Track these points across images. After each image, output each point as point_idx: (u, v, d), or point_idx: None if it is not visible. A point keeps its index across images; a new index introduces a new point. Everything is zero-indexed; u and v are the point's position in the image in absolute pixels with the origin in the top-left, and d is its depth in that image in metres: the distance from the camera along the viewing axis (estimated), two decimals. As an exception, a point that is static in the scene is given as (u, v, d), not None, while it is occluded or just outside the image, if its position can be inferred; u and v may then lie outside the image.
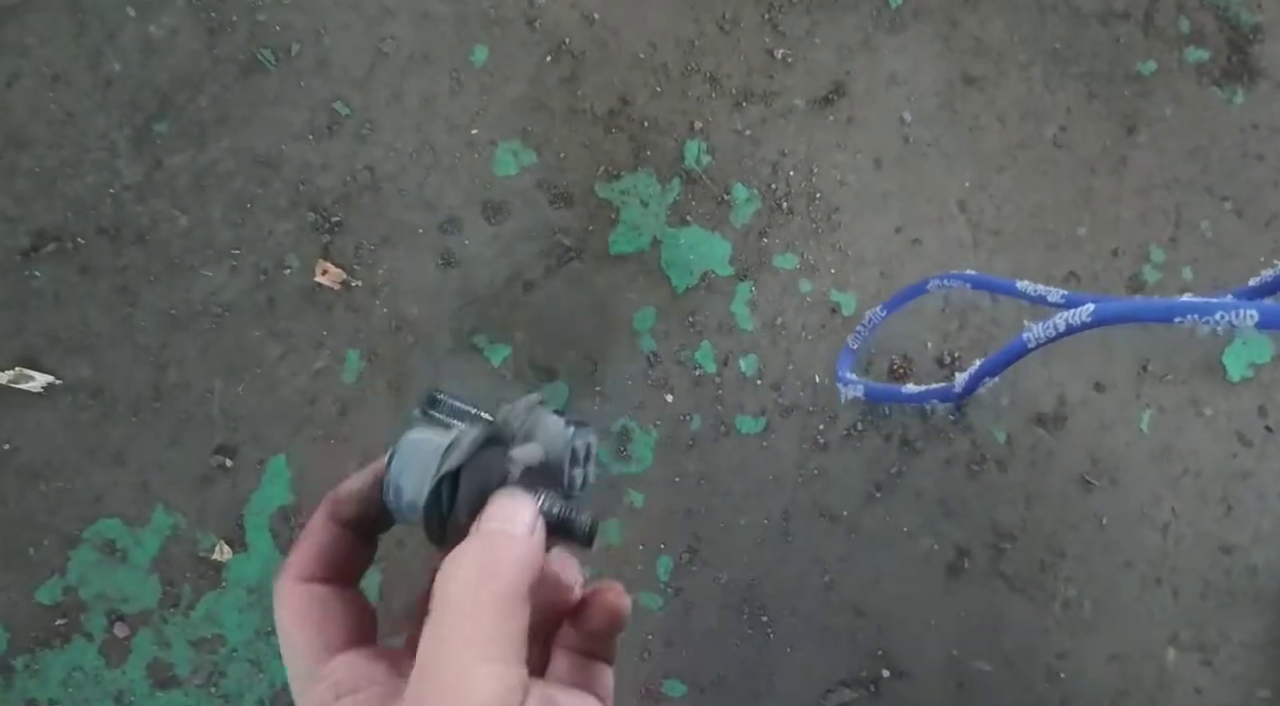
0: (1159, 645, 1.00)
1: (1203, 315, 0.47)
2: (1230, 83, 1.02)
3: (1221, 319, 0.46)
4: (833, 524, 0.95)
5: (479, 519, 0.37)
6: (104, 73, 0.83)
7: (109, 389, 0.83)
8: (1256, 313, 0.45)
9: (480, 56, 0.89)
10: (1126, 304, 0.52)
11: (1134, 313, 0.51)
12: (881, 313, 0.88)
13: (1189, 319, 0.48)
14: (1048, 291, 0.74)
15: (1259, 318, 0.45)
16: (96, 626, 0.83)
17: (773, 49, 0.94)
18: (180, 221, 0.84)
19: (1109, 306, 0.53)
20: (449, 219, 0.88)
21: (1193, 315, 0.47)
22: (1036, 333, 0.57)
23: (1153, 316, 0.50)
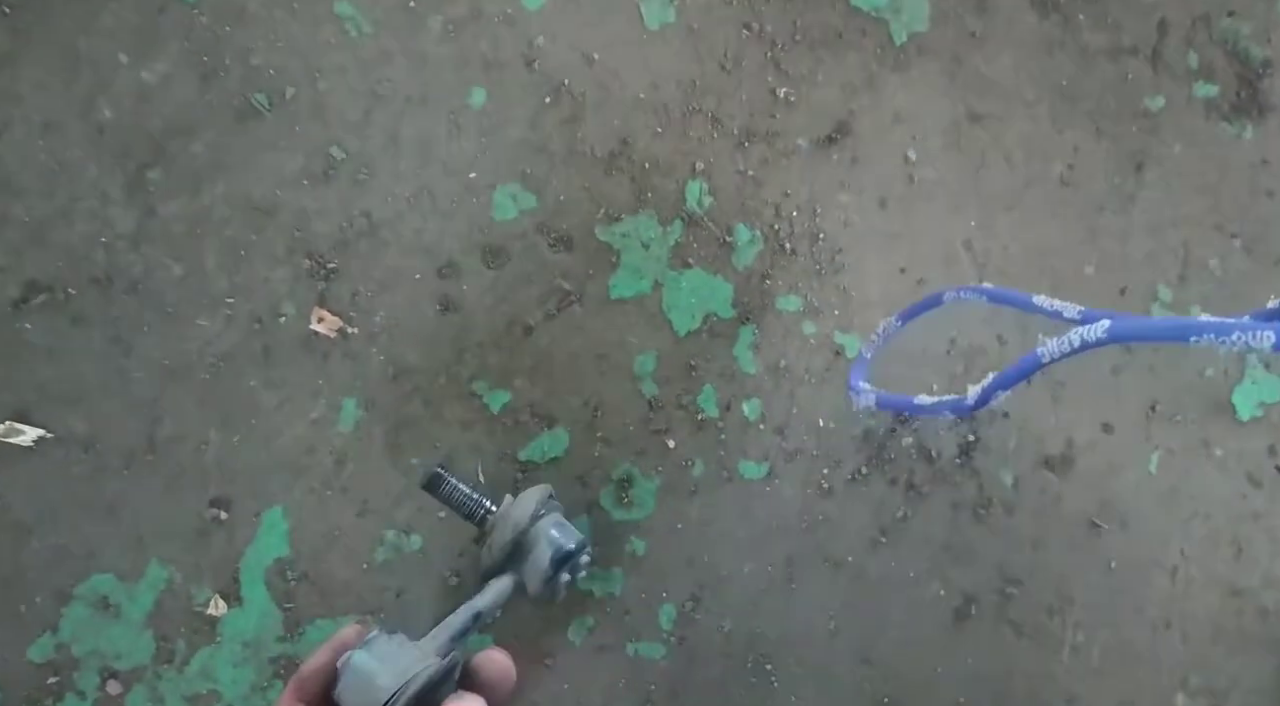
0: (1168, 690, 0.99)
1: (1219, 335, 0.46)
2: (1240, 118, 1.00)
3: (1238, 340, 0.46)
4: (837, 570, 0.93)
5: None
6: (96, 120, 0.81)
7: (102, 442, 0.82)
8: (1274, 334, 0.44)
9: (478, 99, 0.87)
10: (1142, 322, 0.51)
11: (1150, 331, 0.50)
12: (897, 322, 0.87)
13: (1205, 339, 0.47)
14: (1064, 307, 0.72)
15: (1276, 339, 0.44)
16: (89, 684, 0.82)
17: (775, 88, 0.92)
18: (174, 270, 0.82)
19: (1124, 323, 0.52)
20: (447, 264, 0.87)
21: (1209, 335, 0.46)
22: (1051, 348, 0.56)
23: (1168, 335, 0.49)
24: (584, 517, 0.89)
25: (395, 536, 0.86)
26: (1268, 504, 1.00)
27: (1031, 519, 0.96)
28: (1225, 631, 1.00)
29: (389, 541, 0.86)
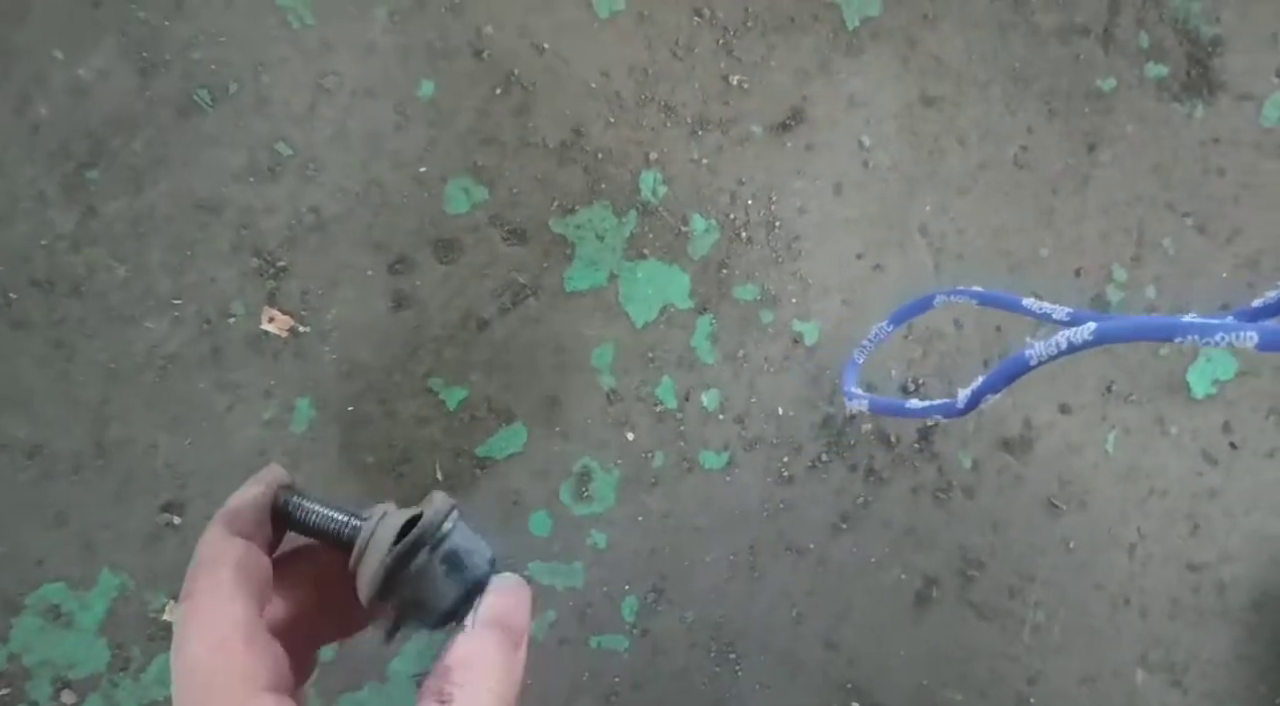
0: (1128, 666, 1.00)
1: (1203, 336, 0.46)
2: (1190, 97, 1.00)
3: (1222, 339, 0.46)
4: (800, 557, 0.93)
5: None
6: (31, 118, 0.79)
7: (47, 447, 0.80)
8: (1257, 334, 0.45)
9: (427, 90, 0.86)
10: (1129, 322, 0.52)
11: (1136, 332, 0.51)
12: (888, 327, 0.86)
13: (1190, 339, 0.47)
14: (1053, 309, 0.73)
15: (1259, 339, 0.45)
16: (42, 694, 0.80)
17: (728, 75, 0.91)
18: (118, 271, 0.81)
19: (1111, 325, 0.52)
20: (399, 259, 0.85)
21: (1194, 336, 0.47)
22: (1039, 351, 0.56)
23: (1154, 335, 0.49)
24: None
25: (353, 536, 0.85)
26: (1223, 480, 1.01)
27: (991, 501, 0.97)
28: (1183, 606, 1.01)
29: (347, 541, 0.85)
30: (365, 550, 0.34)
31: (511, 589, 0.34)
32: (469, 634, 0.32)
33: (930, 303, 0.83)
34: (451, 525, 0.35)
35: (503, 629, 0.33)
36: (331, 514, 0.36)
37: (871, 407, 0.82)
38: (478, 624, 0.33)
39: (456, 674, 0.31)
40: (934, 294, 0.82)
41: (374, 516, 0.35)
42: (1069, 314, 0.72)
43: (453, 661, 0.32)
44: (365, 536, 0.34)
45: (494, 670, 0.32)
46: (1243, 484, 1.02)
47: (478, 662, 0.32)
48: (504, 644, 0.33)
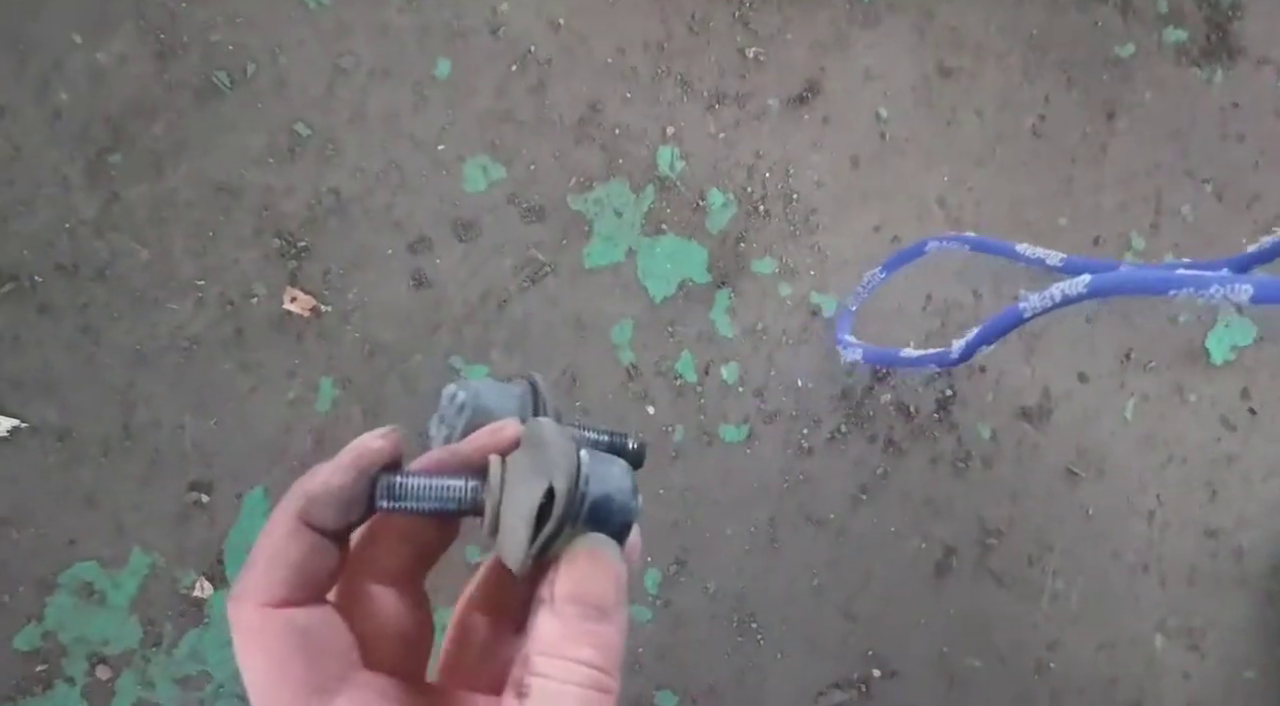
0: (1147, 632, 1.01)
1: (1198, 289, 0.46)
2: (1209, 62, 1.00)
3: (1216, 293, 0.46)
4: (820, 528, 0.94)
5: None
6: (52, 104, 0.79)
7: (76, 430, 0.81)
8: (1251, 287, 0.44)
9: (444, 69, 0.86)
10: (1122, 275, 0.51)
11: (1129, 283, 0.50)
12: (881, 274, 0.87)
13: (1184, 292, 0.47)
14: (1046, 254, 0.73)
15: (1253, 292, 0.44)
16: (78, 670, 0.82)
17: (744, 48, 0.91)
18: (141, 255, 0.81)
19: (1104, 278, 0.52)
20: (419, 238, 0.86)
21: (1188, 289, 0.46)
22: (1033, 303, 0.56)
23: (1148, 288, 0.49)
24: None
25: (378, 513, 0.86)
26: (1241, 446, 1.02)
27: (1010, 470, 0.97)
28: (1202, 573, 1.01)
29: (372, 518, 0.86)
30: (501, 524, 0.31)
31: (582, 557, 0.29)
32: (546, 613, 0.29)
33: (923, 249, 0.83)
34: (587, 476, 0.30)
35: (579, 603, 0.29)
36: (446, 484, 0.32)
37: (865, 357, 0.82)
38: (556, 600, 0.29)
39: (538, 661, 0.28)
40: (926, 240, 0.82)
41: (492, 477, 0.31)
42: (1063, 260, 0.71)
43: (535, 646, 0.29)
44: (495, 499, 0.31)
45: (580, 652, 0.28)
46: (1261, 450, 1.02)
47: (563, 647, 0.28)
48: (592, 618, 0.29)
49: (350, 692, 0.28)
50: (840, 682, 0.95)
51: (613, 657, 0.29)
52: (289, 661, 0.27)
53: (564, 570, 0.29)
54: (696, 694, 0.92)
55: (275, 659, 0.27)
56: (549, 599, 0.29)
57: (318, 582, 0.29)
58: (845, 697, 0.95)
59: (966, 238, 0.79)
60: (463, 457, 0.33)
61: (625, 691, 0.90)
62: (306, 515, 0.29)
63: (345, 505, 0.30)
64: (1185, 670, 1.01)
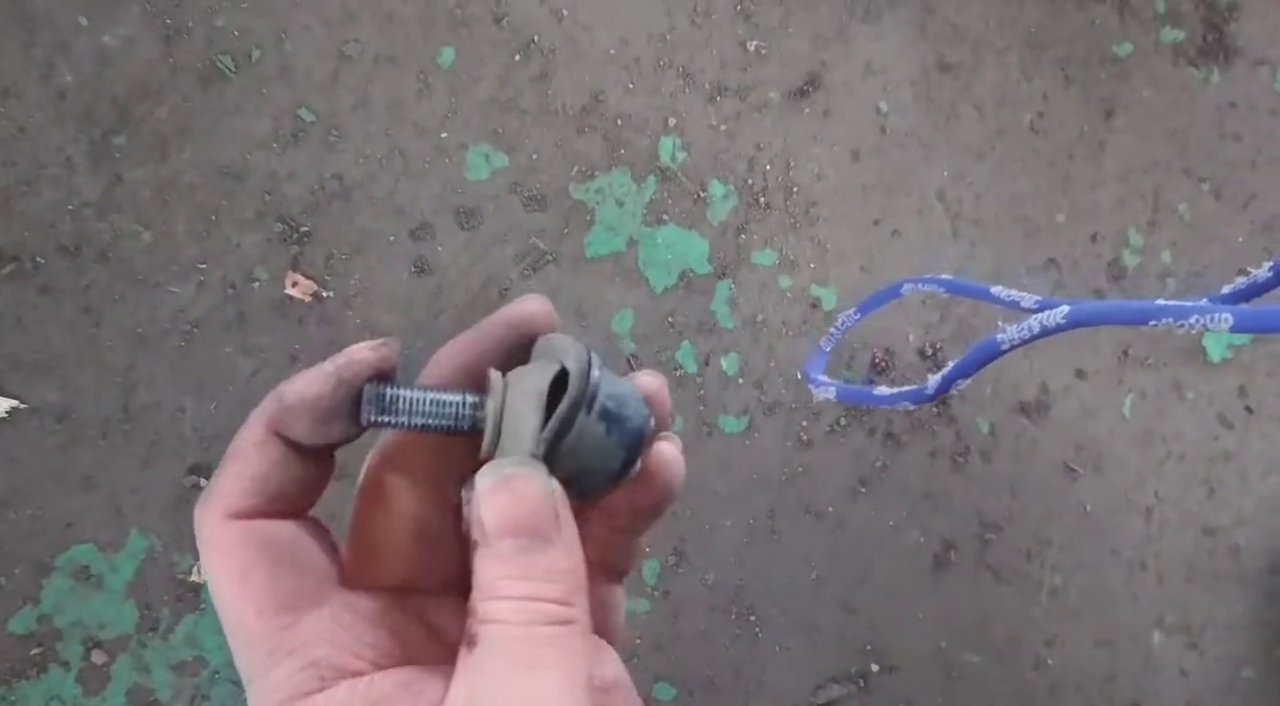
0: (1145, 629, 1.01)
1: (1178, 318, 0.46)
2: (1206, 62, 1.01)
3: (1197, 322, 0.46)
4: (819, 521, 0.94)
5: None
6: (57, 85, 0.80)
7: (76, 412, 0.81)
8: (1231, 316, 0.45)
9: (448, 57, 0.86)
10: (1101, 306, 0.51)
11: (1109, 315, 0.50)
12: (855, 315, 0.87)
13: (1164, 322, 0.47)
14: (1021, 297, 0.73)
15: (1234, 321, 0.45)
16: (74, 654, 0.81)
17: (745, 41, 0.92)
18: (143, 237, 0.81)
19: (1084, 308, 0.52)
20: (421, 225, 0.86)
21: (1168, 319, 0.47)
22: (1010, 334, 0.56)
23: (1128, 319, 0.49)
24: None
25: (377, 499, 0.86)
26: (1239, 444, 1.02)
27: (1008, 465, 0.97)
28: (1199, 570, 1.02)
29: (371, 504, 0.86)
30: (503, 431, 0.28)
31: (498, 485, 0.26)
32: (480, 555, 0.25)
33: (898, 291, 0.83)
34: (599, 373, 0.28)
35: (512, 535, 0.25)
36: (441, 398, 0.29)
37: (839, 396, 0.82)
38: (487, 537, 0.25)
39: (480, 604, 0.25)
40: (902, 283, 0.82)
41: (494, 391, 0.28)
42: (1038, 302, 0.72)
43: (476, 594, 0.26)
44: (496, 417, 0.28)
45: (517, 588, 0.25)
46: (1258, 447, 1.02)
47: (499, 586, 0.25)
48: (522, 551, 0.26)
49: (321, 611, 0.26)
50: (838, 676, 0.95)
51: (567, 584, 0.26)
52: (249, 573, 0.25)
53: (484, 502, 0.26)
54: (694, 686, 0.92)
55: (235, 570, 0.25)
56: (481, 538, 0.26)
57: (287, 497, 0.27)
58: (843, 692, 0.95)
59: (942, 280, 0.79)
60: (474, 353, 0.30)
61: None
62: (277, 424, 0.27)
63: (321, 418, 0.27)
64: (1183, 667, 1.01)
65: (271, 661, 0.24)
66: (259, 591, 0.25)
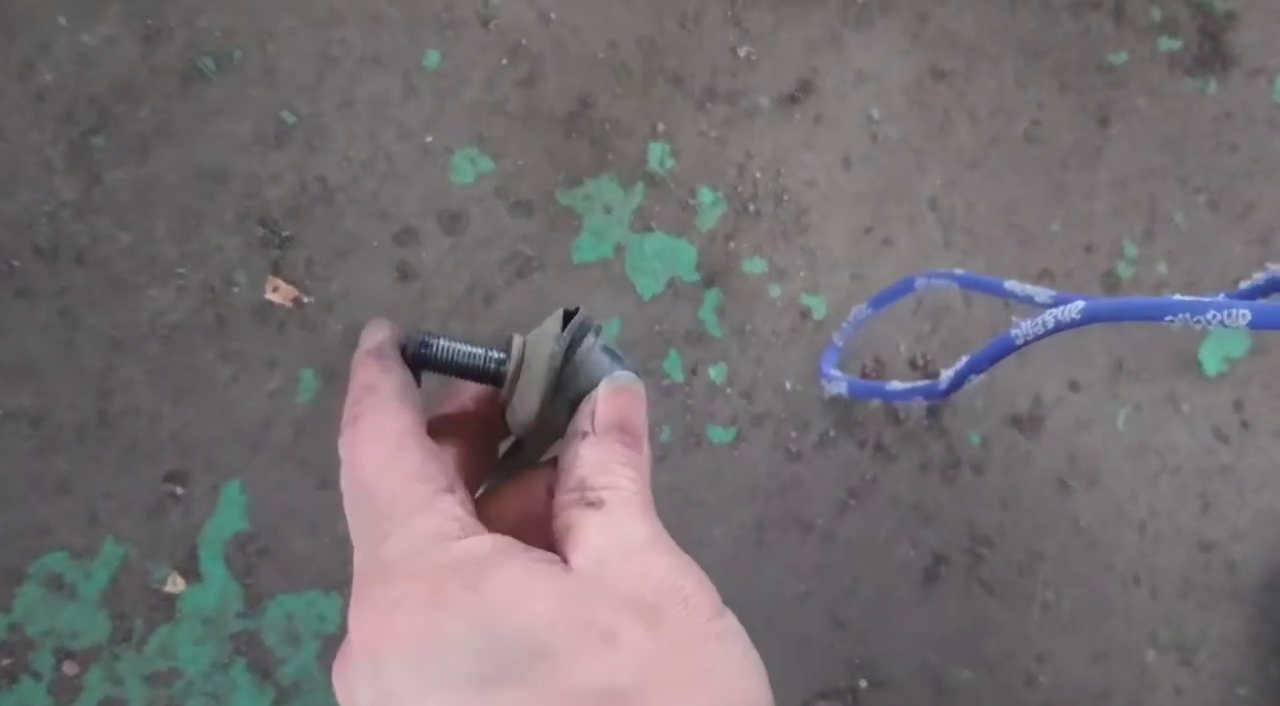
0: (1139, 645, 0.99)
1: (1194, 314, 0.46)
2: (1203, 72, 1.00)
3: (1213, 318, 0.45)
4: (807, 533, 0.92)
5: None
6: (36, 85, 0.78)
7: (51, 417, 0.79)
8: (1249, 312, 0.44)
9: (433, 60, 0.85)
10: (1116, 303, 0.51)
11: (1124, 311, 0.50)
12: (868, 309, 0.86)
13: (1180, 318, 0.47)
14: (1036, 292, 0.72)
15: (1251, 317, 0.44)
16: (44, 664, 0.80)
17: (736, 47, 0.91)
18: (122, 239, 0.80)
19: (1098, 304, 0.51)
20: (405, 230, 0.85)
21: (1184, 314, 0.46)
22: (1025, 329, 0.56)
23: (1143, 315, 0.49)
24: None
25: (358, 508, 0.84)
26: (1235, 458, 1.01)
27: (1000, 478, 0.96)
28: (1194, 585, 1.00)
29: (351, 513, 0.84)
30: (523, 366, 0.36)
31: (620, 390, 0.34)
32: (592, 442, 0.33)
33: (911, 285, 0.82)
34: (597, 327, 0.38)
35: (623, 430, 0.33)
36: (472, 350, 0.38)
37: (850, 390, 0.81)
38: (598, 430, 0.33)
39: (596, 479, 0.32)
40: (914, 277, 0.81)
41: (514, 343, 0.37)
42: (1052, 297, 0.71)
43: (586, 470, 0.32)
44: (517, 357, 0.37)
45: (629, 470, 0.33)
46: (1254, 462, 1.01)
47: (614, 466, 0.32)
48: (630, 445, 0.34)
49: (454, 494, 0.31)
50: (826, 691, 0.93)
51: (646, 474, 0.34)
52: (403, 451, 0.31)
53: (604, 400, 0.34)
54: (680, 700, 0.90)
55: (390, 446, 0.31)
56: (589, 430, 0.33)
57: (416, 406, 0.33)
58: (831, 707, 0.93)
59: (955, 275, 0.79)
60: None
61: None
62: (380, 360, 0.35)
63: (396, 351, 0.36)
64: (1177, 685, 1.00)
65: (420, 514, 0.29)
66: (411, 464, 0.30)
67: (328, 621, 0.84)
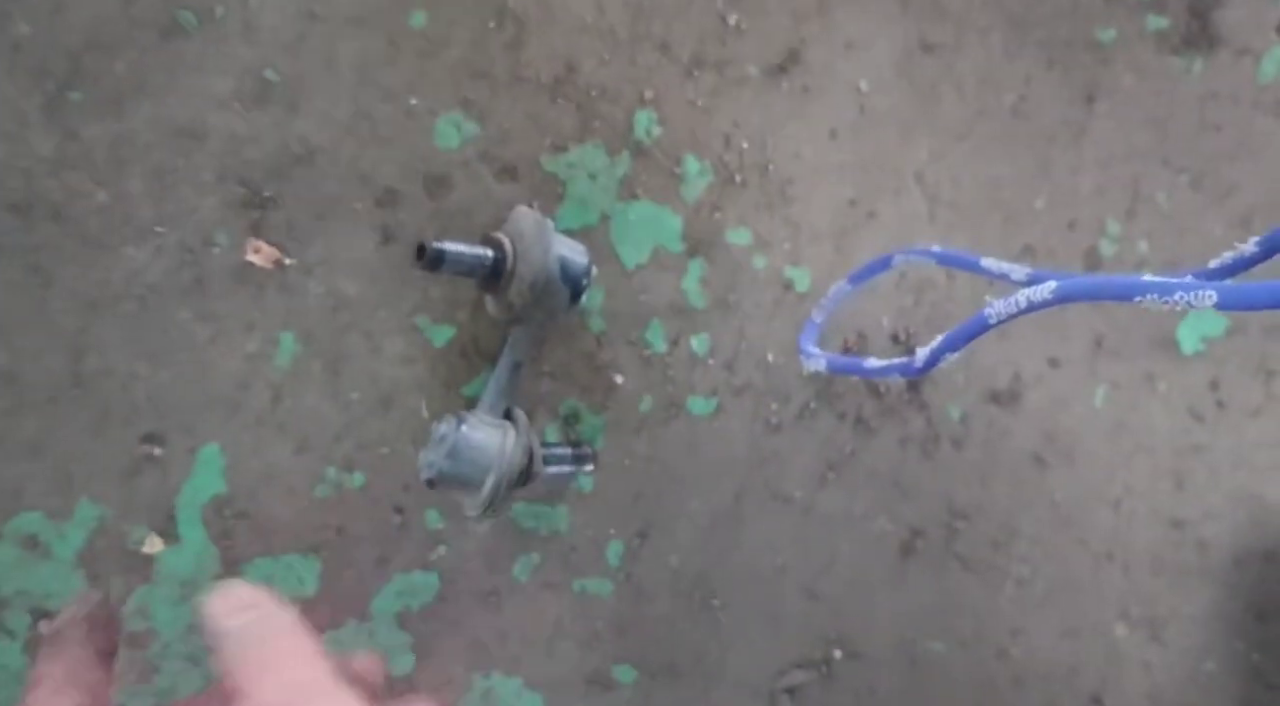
0: (1109, 621, 1.00)
1: (1163, 295, 0.47)
2: (1189, 51, 1.00)
3: (1181, 299, 0.47)
4: (786, 506, 0.93)
5: None
6: (11, 35, 0.77)
7: (23, 376, 0.78)
8: (1215, 293, 0.45)
9: (419, 20, 0.84)
10: (1089, 282, 0.52)
11: (1096, 290, 0.51)
12: (847, 286, 0.86)
13: (1149, 298, 0.48)
14: (1011, 269, 0.72)
15: (1218, 298, 0.45)
16: (19, 624, 0.79)
17: (725, 14, 0.90)
18: (98, 197, 0.79)
19: (1071, 284, 0.52)
20: (387, 193, 0.84)
21: (1153, 294, 0.47)
22: (998, 309, 0.56)
23: (1114, 295, 0.50)
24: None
25: (336, 473, 0.84)
26: (1209, 437, 1.01)
27: (979, 453, 0.96)
28: (1165, 563, 1.01)
29: (329, 478, 0.84)
30: (517, 238, 0.73)
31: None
32: None
33: (889, 262, 0.82)
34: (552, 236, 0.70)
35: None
36: (472, 247, 0.73)
37: (829, 366, 0.81)
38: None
39: None
40: (893, 254, 0.81)
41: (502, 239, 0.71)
42: (1027, 274, 0.71)
43: None
44: (510, 253, 0.73)
45: None
46: (1228, 442, 1.02)
47: None
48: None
49: None
50: (801, 662, 0.94)
51: None
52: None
53: None
54: (655, 669, 0.91)
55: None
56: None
57: None
58: (806, 677, 0.94)
59: (933, 251, 0.79)
60: None
61: (584, 664, 0.88)
62: (54, 643, 0.44)
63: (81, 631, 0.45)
64: (1146, 660, 1.01)
65: None
66: None
67: (306, 584, 0.84)
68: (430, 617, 0.86)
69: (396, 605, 0.86)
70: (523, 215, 0.79)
